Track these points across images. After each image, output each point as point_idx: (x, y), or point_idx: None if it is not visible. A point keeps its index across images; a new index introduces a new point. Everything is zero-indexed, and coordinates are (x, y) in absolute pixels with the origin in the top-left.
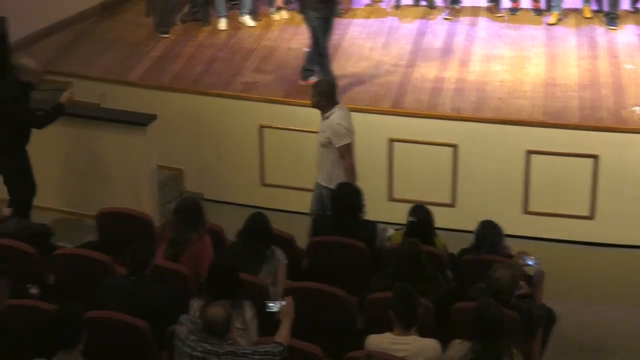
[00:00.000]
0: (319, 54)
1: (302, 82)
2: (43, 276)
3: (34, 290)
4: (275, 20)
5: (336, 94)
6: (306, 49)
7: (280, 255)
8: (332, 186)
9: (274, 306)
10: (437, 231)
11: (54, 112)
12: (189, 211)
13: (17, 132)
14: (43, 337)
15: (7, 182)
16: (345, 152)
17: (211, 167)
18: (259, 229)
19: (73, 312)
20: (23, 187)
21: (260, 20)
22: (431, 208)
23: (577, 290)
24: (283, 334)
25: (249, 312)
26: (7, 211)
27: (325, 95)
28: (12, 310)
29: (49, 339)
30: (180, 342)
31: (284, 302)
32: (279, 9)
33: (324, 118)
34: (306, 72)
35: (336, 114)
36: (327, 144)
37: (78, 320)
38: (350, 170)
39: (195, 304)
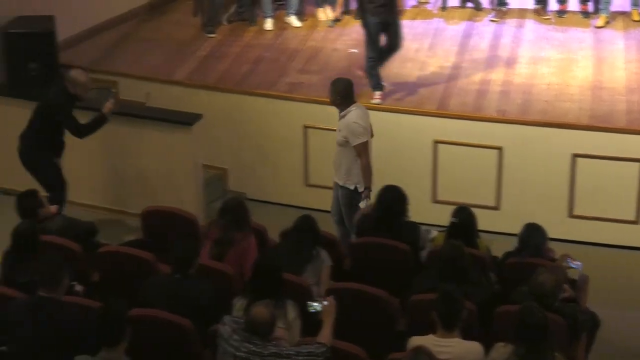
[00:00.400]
0: (369, 58)
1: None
2: (88, 274)
3: (78, 288)
4: (321, 21)
5: (353, 93)
6: (352, 50)
7: (325, 256)
8: (348, 185)
9: (316, 306)
10: (481, 234)
11: (96, 123)
12: (235, 211)
13: (59, 137)
14: (87, 334)
15: (41, 181)
16: (362, 151)
17: (255, 167)
18: (307, 231)
19: (117, 309)
20: (55, 184)
21: (306, 20)
22: (475, 210)
23: (622, 295)
24: (325, 334)
25: (291, 311)
26: (53, 209)
27: (341, 94)
28: (57, 306)
29: (93, 336)
30: (223, 342)
31: (325, 302)
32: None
33: (341, 117)
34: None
35: (353, 113)
36: (343, 143)
37: (122, 318)
38: (367, 169)
39: (239, 304)
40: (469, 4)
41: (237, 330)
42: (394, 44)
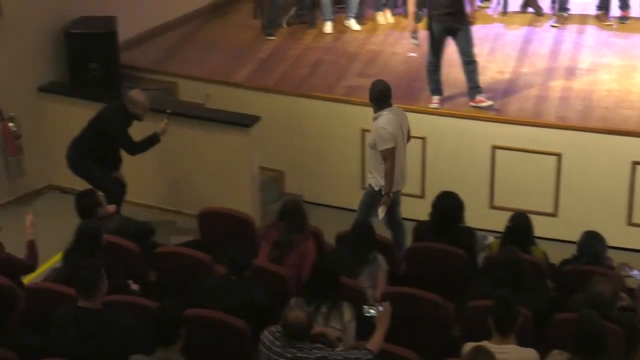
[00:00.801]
0: (429, 62)
1: (471, 103)
2: (144, 273)
3: (134, 287)
4: (380, 25)
5: (389, 96)
6: (411, 54)
7: (381, 261)
8: (373, 185)
9: (371, 311)
10: (538, 240)
11: (149, 142)
12: (295, 214)
13: (108, 150)
14: (143, 333)
15: (94, 185)
16: (387, 156)
17: (312, 169)
18: (364, 235)
19: (173, 309)
20: (106, 185)
21: (366, 24)
22: (533, 217)
23: None
24: (375, 341)
25: (347, 313)
26: (111, 208)
27: (374, 96)
28: (113, 306)
29: (149, 335)
30: (266, 350)
31: (381, 308)
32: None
33: (373, 119)
34: (472, 90)
35: (383, 117)
36: (373, 146)
37: (177, 318)
38: (389, 174)
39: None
40: (530, 9)
41: (278, 337)
42: (464, 52)
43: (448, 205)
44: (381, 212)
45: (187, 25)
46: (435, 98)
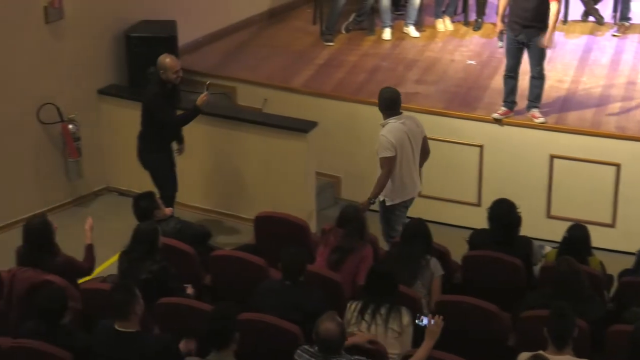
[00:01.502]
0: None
1: (529, 115)
2: (200, 276)
3: (189, 291)
4: (439, 32)
5: (395, 105)
6: (470, 62)
7: (436, 266)
8: (380, 198)
9: (424, 321)
10: (595, 251)
11: (190, 114)
12: (356, 221)
13: (162, 130)
14: (197, 336)
15: (152, 179)
16: (384, 164)
17: (368, 176)
18: (419, 237)
19: (227, 313)
20: (165, 184)
21: (425, 31)
22: (590, 227)
23: None
24: (420, 355)
25: (406, 316)
26: (168, 211)
27: (384, 105)
28: (168, 308)
29: (203, 338)
30: None
31: (432, 321)
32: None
33: (380, 127)
34: (530, 103)
35: (388, 126)
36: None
37: (232, 322)
38: (380, 182)
39: (352, 306)
40: (591, 18)
41: (314, 354)
42: (532, 66)
43: (504, 212)
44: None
45: (247, 30)
46: (502, 108)
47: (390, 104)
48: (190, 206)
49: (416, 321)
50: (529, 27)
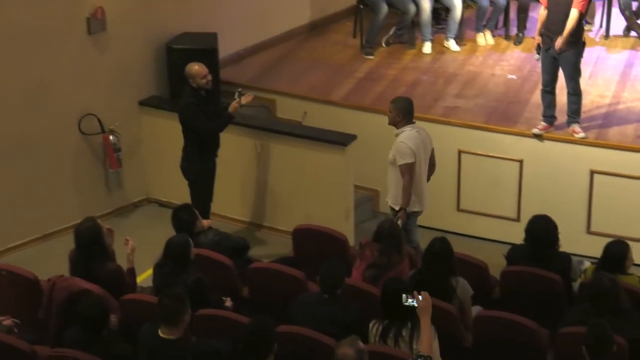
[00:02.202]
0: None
1: (569, 130)
2: (238, 288)
3: (228, 303)
4: (480, 46)
5: (411, 114)
6: (510, 76)
7: (464, 287)
8: (395, 206)
9: (411, 301)
10: (635, 268)
11: (223, 122)
12: (393, 236)
13: (200, 140)
14: (235, 348)
15: (190, 187)
16: (405, 171)
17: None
18: (442, 253)
19: (265, 325)
20: (202, 195)
21: (465, 45)
22: (631, 244)
23: None
24: (426, 337)
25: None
26: (206, 223)
27: (402, 112)
28: (206, 320)
29: (241, 350)
30: None
31: (420, 297)
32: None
33: (395, 136)
34: (569, 118)
35: (405, 133)
36: (393, 162)
37: (270, 334)
38: (406, 189)
39: (374, 328)
40: (633, 33)
41: None
42: (566, 81)
43: (542, 227)
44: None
45: (287, 43)
46: (541, 124)
47: (407, 113)
48: (228, 217)
49: (405, 304)
50: (553, 38)
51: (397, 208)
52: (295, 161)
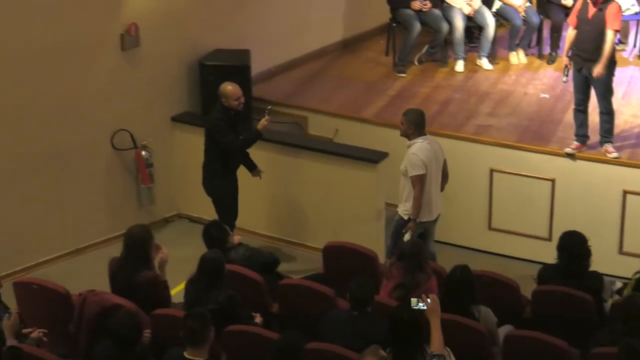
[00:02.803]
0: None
1: (602, 149)
2: (267, 305)
3: (258, 319)
4: (513, 65)
5: (422, 126)
6: (543, 95)
7: (487, 315)
8: (402, 215)
9: (420, 305)
10: None
11: (251, 139)
12: (414, 254)
13: (225, 156)
14: None
15: (213, 203)
16: (416, 182)
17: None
18: (464, 281)
19: (294, 342)
20: (226, 211)
21: (498, 63)
22: None
23: None
24: (437, 340)
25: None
26: (237, 239)
27: (414, 124)
28: (236, 336)
29: None
30: None
31: (429, 300)
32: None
33: (407, 147)
34: (601, 138)
35: (417, 145)
36: (405, 173)
37: (299, 350)
38: (417, 201)
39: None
40: None
41: None
42: (598, 100)
43: (574, 244)
44: (407, 237)
45: (319, 60)
46: (574, 143)
47: (418, 125)
48: (257, 233)
49: (414, 307)
50: (588, 60)
51: (405, 217)
52: (326, 178)
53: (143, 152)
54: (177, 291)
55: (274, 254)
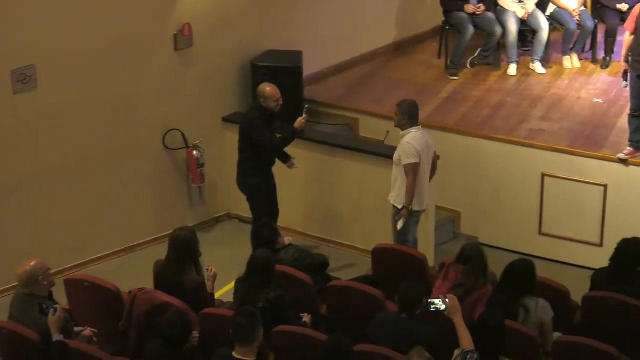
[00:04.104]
0: (630, 110)
1: (622, 154)
2: (316, 306)
3: (306, 318)
4: (566, 69)
5: (416, 116)
6: (597, 100)
7: (544, 309)
8: (397, 204)
9: (438, 304)
10: None
11: (288, 137)
12: (478, 260)
13: (259, 154)
14: None
15: (248, 201)
16: (409, 171)
17: (488, 211)
18: (524, 273)
19: (343, 344)
20: (260, 210)
21: (551, 67)
22: None
23: None
24: (465, 337)
25: None
26: (287, 240)
27: (407, 115)
28: (284, 337)
29: None
30: None
31: (447, 300)
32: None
33: (401, 137)
34: (632, 143)
35: (410, 134)
36: (398, 162)
37: (346, 352)
38: (410, 189)
39: (457, 351)
40: None
41: None
42: None
43: (630, 250)
44: (400, 224)
45: (371, 62)
46: (628, 149)
47: (412, 115)
48: (307, 235)
49: (432, 309)
50: None
51: (399, 206)
52: (375, 180)
53: (194, 152)
54: (225, 291)
55: (323, 256)
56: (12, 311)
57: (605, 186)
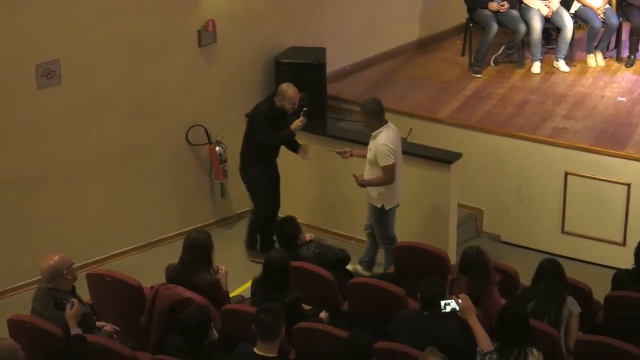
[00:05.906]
0: None
1: None
2: (337, 302)
3: (323, 315)
4: (590, 67)
5: (382, 113)
6: (620, 98)
7: (573, 304)
8: (376, 204)
9: (451, 304)
10: None
11: (284, 137)
12: (480, 262)
13: (258, 147)
14: None
15: (247, 191)
16: (387, 173)
17: (511, 210)
18: (560, 272)
19: (363, 340)
20: (259, 199)
21: (575, 66)
22: None
23: None
24: (482, 337)
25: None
26: (309, 236)
27: (372, 114)
28: (305, 333)
29: None
30: None
31: (460, 301)
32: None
33: (372, 137)
34: None
35: (383, 134)
36: (373, 162)
37: (368, 350)
38: (380, 183)
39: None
40: None
41: None
42: None
43: None
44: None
45: (394, 59)
46: None
47: (377, 113)
48: (331, 232)
49: (442, 309)
50: None
51: (379, 205)
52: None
53: (217, 148)
54: (245, 287)
55: (344, 251)
56: (34, 305)
57: (629, 185)
